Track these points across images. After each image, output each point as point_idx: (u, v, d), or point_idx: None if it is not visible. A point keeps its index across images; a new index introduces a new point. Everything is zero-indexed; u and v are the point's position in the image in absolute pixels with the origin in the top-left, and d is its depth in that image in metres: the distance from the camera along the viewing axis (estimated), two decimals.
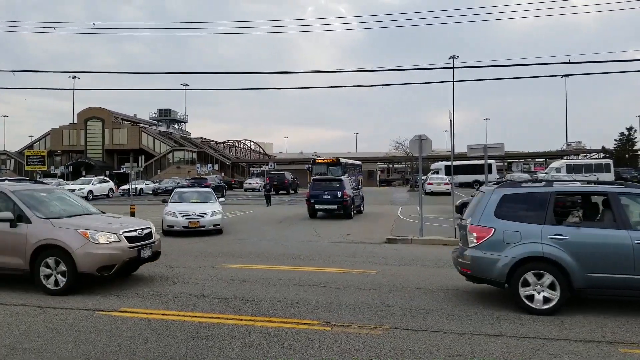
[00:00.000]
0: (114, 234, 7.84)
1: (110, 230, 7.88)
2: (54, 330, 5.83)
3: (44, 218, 7.86)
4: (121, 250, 7.81)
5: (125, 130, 74.52)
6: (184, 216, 15.36)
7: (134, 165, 23.14)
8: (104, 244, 7.66)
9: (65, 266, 7.47)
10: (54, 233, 7.62)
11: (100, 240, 7.65)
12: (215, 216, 15.71)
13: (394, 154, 69.28)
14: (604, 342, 5.34)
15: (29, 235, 7.63)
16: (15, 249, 7.66)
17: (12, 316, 6.47)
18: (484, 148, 14.17)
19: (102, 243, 7.64)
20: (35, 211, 7.91)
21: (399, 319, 6.20)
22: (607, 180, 45.74)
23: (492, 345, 5.23)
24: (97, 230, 7.78)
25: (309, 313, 6.50)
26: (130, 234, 8.10)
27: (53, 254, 7.56)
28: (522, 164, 70.06)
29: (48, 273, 7.57)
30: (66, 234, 7.60)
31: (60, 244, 7.53)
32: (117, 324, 6.06)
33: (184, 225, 15.25)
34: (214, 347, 5.21)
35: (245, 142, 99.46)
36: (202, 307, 6.82)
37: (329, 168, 41.33)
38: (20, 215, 7.77)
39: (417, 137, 14.58)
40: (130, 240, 8.02)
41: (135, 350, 5.15)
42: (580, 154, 69.68)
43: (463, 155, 41.28)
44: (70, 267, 7.46)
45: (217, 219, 15.71)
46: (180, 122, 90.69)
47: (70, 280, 7.49)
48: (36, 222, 7.74)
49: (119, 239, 7.85)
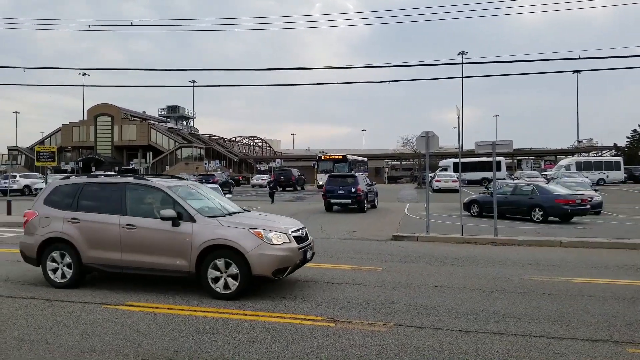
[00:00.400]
0: (284, 234, 7.25)
1: (281, 230, 7.31)
2: (61, 323, 5.89)
3: (209, 216, 7.37)
4: (292, 251, 7.22)
5: (134, 126, 75.01)
6: None
7: (142, 161, 23.25)
8: (277, 244, 7.05)
9: (237, 268, 6.87)
10: (223, 233, 7.03)
11: (274, 240, 7.05)
12: None
13: (402, 150, 69.15)
14: (611, 341, 5.29)
15: (194, 235, 7.05)
16: (179, 250, 7.10)
17: (21, 309, 6.55)
18: (492, 145, 14.07)
19: (276, 244, 7.04)
20: (196, 209, 7.41)
21: (403, 316, 6.19)
22: (617, 177, 45.44)
23: (497, 344, 5.20)
24: (270, 229, 7.19)
25: (313, 309, 6.51)
26: (296, 234, 7.53)
27: (223, 255, 6.96)
28: (532, 161, 69.58)
29: (217, 276, 6.98)
30: (238, 234, 6.99)
31: (232, 245, 6.92)
32: (123, 318, 6.12)
33: None
34: (218, 342, 5.24)
35: (252, 139, 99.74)
36: (207, 302, 6.85)
37: (335, 164, 41.33)
38: (181, 213, 7.21)
39: (424, 133, 14.51)
40: (297, 241, 7.44)
41: (141, 343, 5.20)
42: (591, 151, 68.99)
43: (472, 153, 41.04)
44: (243, 269, 6.85)
45: None
46: (188, 118, 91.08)
47: (242, 283, 6.88)
48: (201, 220, 7.19)
49: (289, 239, 7.27)
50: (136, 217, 7.46)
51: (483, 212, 19.81)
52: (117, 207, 7.61)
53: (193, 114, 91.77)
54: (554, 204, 17.83)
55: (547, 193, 18.52)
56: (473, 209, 20.47)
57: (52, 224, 7.79)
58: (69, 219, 7.72)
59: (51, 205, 8.00)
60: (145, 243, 7.30)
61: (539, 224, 17.23)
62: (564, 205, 17.64)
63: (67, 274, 7.70)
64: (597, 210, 20.72)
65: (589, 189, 23.06)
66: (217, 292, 6.98)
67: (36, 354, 4.91)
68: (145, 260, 7.29)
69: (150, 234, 7.30)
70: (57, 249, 7.75)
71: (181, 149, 73.10)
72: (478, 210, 20.17)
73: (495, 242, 13.06)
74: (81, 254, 7.58)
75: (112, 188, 7.90)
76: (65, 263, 7.71)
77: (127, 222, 7.42)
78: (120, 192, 7.76)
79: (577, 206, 17.81)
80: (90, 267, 7.65)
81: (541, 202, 18.14)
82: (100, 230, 7.56)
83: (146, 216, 7.49)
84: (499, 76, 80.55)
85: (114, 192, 7.81)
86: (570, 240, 12.84)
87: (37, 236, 7.87)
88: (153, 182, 7.83)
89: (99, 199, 7.86)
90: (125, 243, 7.38)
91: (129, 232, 7.38)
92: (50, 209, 7.97)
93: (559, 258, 10.74)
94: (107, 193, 7.88)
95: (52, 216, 7.88)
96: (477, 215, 20.04)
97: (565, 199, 17.92)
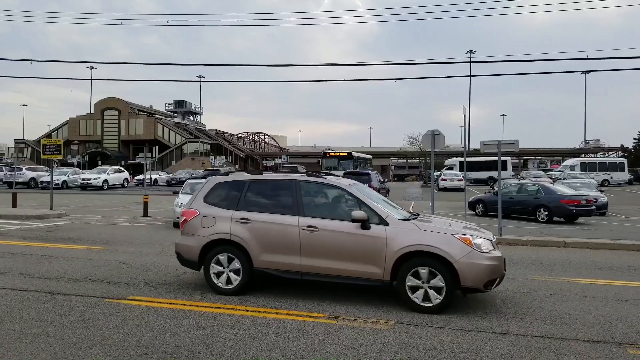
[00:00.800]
0: (488, 241, 6.56)
1: (486, 237, 6.64)
2: (63, 316, 5.92)
3: (402, 219, 6.73)
4: (499, 260, 6.44)
5: (141, 121, 75.27)
6: None
7: (148, 156, 23.37)
8: (486, 252, 6.33)
9: (443, 279, 6.18)
10: (424, 238, 6.34)
11: (483, 248, 6.34)
12: None
13: (408, 149, 68.91)
14: (612, 342, 5.25)
15: (389, 240, 6.40)
16: (371, 255, 6.45)
17: (23, 301, 6.59)
18: (498, 144, 14.00)
19: (485, 252, 6.32)
20: (385, 210, 6.79)
21: (405, 315, 6.17)
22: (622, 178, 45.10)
23: (498, 343, 5.18)
24: (476, 235, 6.51)
25: (315, 306, 6.51)
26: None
27: (424, 263, 6.27)
28: (538, 161, 69.24)
29: (416, 285, 6.31)
30: (442, 240, 6.29)
31: (436, 252, 6.22)
32: (125, 312, 6.14)
33: None
34: (219, 337, 5.25)
35: (259, 135, 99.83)
36: (209, 297, 6.86)
37: (339, 161, 41.30)
38: (370, 215, 6.58)
39: (430, 132, 14.47)
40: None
41: (142, 338, 5.21)
42: (598, 152, 68.59)
43: (478, 152, 40.88)
44: (449, 280, 6.17)
45: None
46: (195, 113, 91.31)
47: (447, 296, 6.18)
48: (395, 223, 6.54)
49: (493, 246, 6.57)
50: (317, 219, 6.81)
51: (488, 211, 19.74)
52: (291, 206, 6.99)
53: (200, 109, 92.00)
54: (559, 205, 17.73)
55: (553, 193, 18.41)
56: (478, 208, 20.41)
57: (218, 225, 7.12)
58: (237, 219, 7.06)
59: (213, 204, 7.36)
60: (330, 247, 6.64)
61: (544, 224, 17.14)
62: (569, 206, 17.54)
63: (232, 279, 7.02)
64: (602, 211, 20.59)
65: (595, 190, 22.91)
66: (415, 303, 6.29)
67: (37, 347, 4.93)
68: (329, 266, 6.63)
69: (336, 237, 6.63)
70: (224, 252, 7.07)
71: (187, 144, 73.30)
72: (483, 210, 20.11)
73: (500, 241, 12.99)
74: (253, 258, 6.92)
75: (283, 186, 7.27)
76: (233, 268, 7.03)
77: (307, 224, 6.76)
78: (293, 190, 7.10)
79: (583, 207, 17.69)
80: (263, 272, 6.95)
81: (546, 203, 18.05)
82: (276, 232, 6.89)
83: (327, 217, 6.85)
84: (507, 75, 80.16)
85: (285, 190, 7.19)
86: (574, 241, 12.76)
87: (199, 237, 7.20)
88: (331, 180, 7.29)
89: (269, 198, 7.26)
90: (306, 247, 6.73)
91: (310, 235, 6.72)
92: (213, 207, 7.32)
93: (563, 258, 10.68)
94: (277, 191, 7.28)
95: (217, 216, 7.20)
96: (482, 215, 19.96)
97: (571, 199, 17.81)
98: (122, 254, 10.33)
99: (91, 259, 9.78)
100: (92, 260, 9.57)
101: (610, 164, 46.97)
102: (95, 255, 10.22)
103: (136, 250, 10.88)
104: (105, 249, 11.06)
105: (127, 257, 9.96)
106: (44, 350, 4.83)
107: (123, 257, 10.02)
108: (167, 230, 14.65)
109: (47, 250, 10.67)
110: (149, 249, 11.18)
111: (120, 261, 9.53)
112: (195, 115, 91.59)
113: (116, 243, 11.91)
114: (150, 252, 10.66)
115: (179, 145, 72.72)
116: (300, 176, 7.42)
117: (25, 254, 10.20)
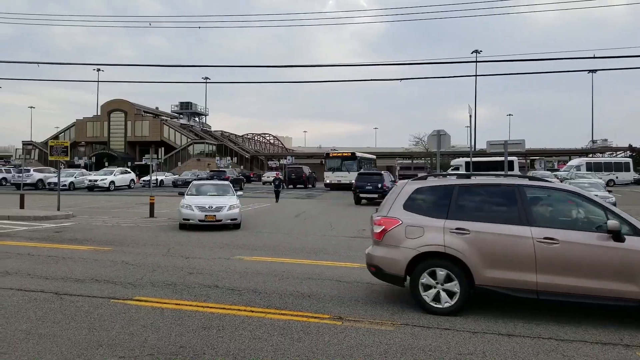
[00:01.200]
0: None
1: None
2: (69, 317, 5.94)
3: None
4: None
5: (147, 122, 75.65)
6: (200, 209, 14.88)
7: (154, 157, 23.43)
8: None
9: None
10: None
11: None
12: (233, 210, 15.20)
13: (414, 149, 68.77)
14: (621, 345, 5.20)
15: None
16: (626, 272, 5.71)
17: (30, 302, 6.62)
18: (504, 144, 13.95)
19: None
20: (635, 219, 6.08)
21: (410, 316, 6.14)
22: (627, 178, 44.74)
23: (505, 345, 5.14)
24: None
25: (320, 307, 6.49)
26: None
27: None
28: (545, 161, 68.82)
29: None
30: None
31: None
32: (130, 312, 6.15)
33: (200, 218, 14.79)
34: (225, 338, 5.25)
35: (264, 136, 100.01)
36: (214, 298, 6.87)
37: (343, 162, 41.22)
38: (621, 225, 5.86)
39: (436, 132, 14.43)
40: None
41: (147, 338, 5.22)
42: (605, 152, 68.14)
43: (484, 152, 40.71)
44: None
45: (234, 213, 15.21)
46: (201, 115, 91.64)
47: None
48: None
49: None
50: (553, 229, 6.06)
51: None
52: (517, 215, 6.23)
53: (206, 110, 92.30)
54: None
55: None
56: None
57: (427, 235, 6.37)
58: (452, 230, 6.30)
59: (417, 212, 6.64)
60: (574, 262, 5.88)
61: None
62: None
63: (442, 297, 6.24)
64: None
65: (603, 190, 22.73)
66: None
67: (44, 347, 4.95)
68: (574, 285, 5.85)
69: (581, 251, 5.88)
70: (436, 266, 6.30)
71: (193, 145, 73.57)
72: None
73: None
74: (474, 274, 6.14)
75: (502, 191, 6.56)
76: (447, 284, 6.25)
77: (544, 235, 5.99)
78: (515, 196, 6.35)
79: None
80: (487, 290, 6.16)
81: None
82: (503, 245, 6.11)
83: (565, 227, 6.12)
84: (513, 75, 79.86)
85: (506, 196, 6.46)
86: None
87: (404, 249, 6.44)
88: (563, 186, 6.50)
89: (486, 205, 6.63)
90: (543, 261, 5.95)
91: (548, 248, 5.94)
92: (418, 216, 6.59)
93: None
94: (496, 198, 6.62)
95: (426, 225, 6.45)
96: None
97: None
98: (129, 255, 10.37)
99: (98, 259, 9.82)
100: (98, 261, 9.62)
101: (615, 163, 46.77)
102: (101, 256, 10.26)
103: (142, 251, 10.91)
104: (111, 249, 11.10)
105: (133, 258, 9.99)
106: (50, 351, 4.85)
107: (129, 257, 10.06)
108: (173, 232, 14.68)
109: (54, 251, 10.73)
110: (155, 249, 11.22)
111: (126, 262, 9.56)
112: (200, 116, 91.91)
113: (122, 244, 11.96)
114: (156, 253, 10.69)
115: (184, 147, 73.01)
116: (522, 180, 6.74)
117: (32, 254, 10.26)
